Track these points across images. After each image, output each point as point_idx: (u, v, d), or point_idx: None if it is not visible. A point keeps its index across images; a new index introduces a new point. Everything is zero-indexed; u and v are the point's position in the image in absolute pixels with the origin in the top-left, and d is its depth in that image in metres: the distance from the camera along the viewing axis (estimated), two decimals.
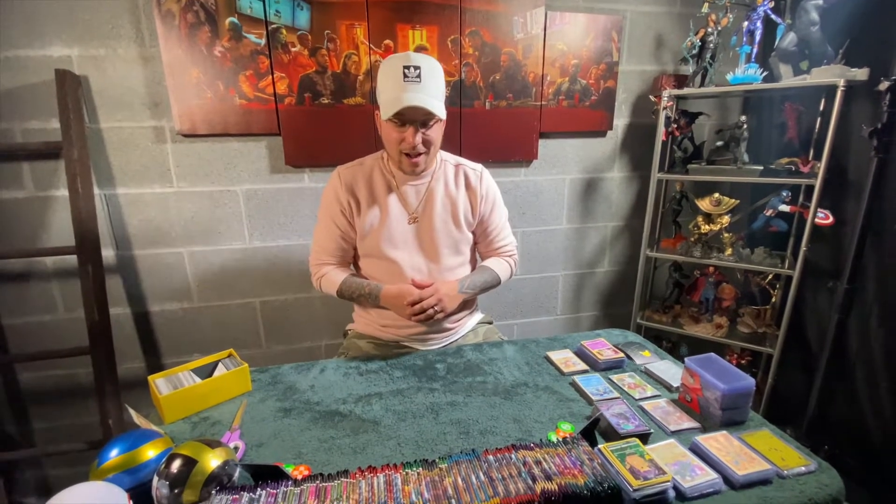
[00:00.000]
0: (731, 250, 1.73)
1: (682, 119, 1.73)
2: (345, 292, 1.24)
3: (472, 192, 1.25)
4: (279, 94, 1.58)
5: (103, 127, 1.54)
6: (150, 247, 1.66)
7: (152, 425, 0.89)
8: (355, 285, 1.22)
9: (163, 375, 1.04)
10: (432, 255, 1.24)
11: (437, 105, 1.07)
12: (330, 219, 1.23)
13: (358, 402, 1.01)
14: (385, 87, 1.08)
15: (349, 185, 1.20)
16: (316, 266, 1.29)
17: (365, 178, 1.21)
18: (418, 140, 1.09)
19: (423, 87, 1.05)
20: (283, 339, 1.87)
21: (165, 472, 0.70)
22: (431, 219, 1.21)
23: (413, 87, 1.04)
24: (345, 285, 1.23)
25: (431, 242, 1.23)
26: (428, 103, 1.04)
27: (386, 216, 1.20)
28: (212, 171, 1.64)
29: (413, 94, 1.04)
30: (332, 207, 1.22)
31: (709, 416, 0.95)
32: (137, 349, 1.74)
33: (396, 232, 1.21)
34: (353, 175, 1.21)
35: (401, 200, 1.21)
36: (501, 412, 0.97)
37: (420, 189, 1.22)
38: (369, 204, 1.20)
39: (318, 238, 1.27)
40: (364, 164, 1.24)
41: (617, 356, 1.15)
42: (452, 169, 1.25)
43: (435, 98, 1.07)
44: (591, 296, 2.21)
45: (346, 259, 1.29)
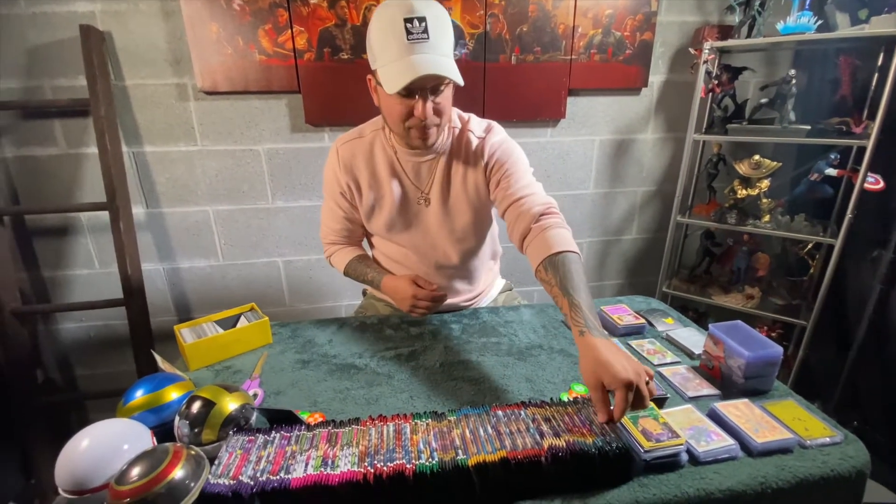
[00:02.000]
0: (768, 217, 1.63)
1: (723, 74, 1.61)
2: (350, 275, 1.19)
3: (477, 160, 1.04)
4: (298, 50, 1.55)
5: (128, 84, 1.55)
6: (178, 204, 1.70)
7: (176, 370, 0.93)
8: (359, 271, 1.16)
9: (188, 325, 1.08)
10: (448, 238, 1.12)
11: (452, 67, 0.86)
12: (332, 199, 1.13)
13: (373, 356, 1.03)
14: (383, 48, 0.85)
15: (347, 164, 1.06)
16: (325, 244, 1.23)
17: (364, 154, 1.06)
18: (429, 111, 0.89)
19: (433, 45, 0.84)
20: (306, 298, 1.91)
21: (186, 413, 0.73)
22: (445, 199, 1.07)
23: (420, 47, 0.83)
24: (350, 268, 1.17)
25: (446, 225, 1.10)
26: (443, 67, 0.84)
27: (390, 199, 1.06)
28: (234, 130, 1.64)
29: (422, 57, 0.83)
30: (332, 188, 1.11)
31: (731, 384, 0.91)
32: (169, 303, 1.82)
33: (404, 215, 1.09)
34: (352, 152, 1.06)
35: (406, 180, 1.06)
36: (514, 372, 0.96)
37: (427, 166, 1.05)
38: (370, 185, 1.07)
39: (324, 217, 1.19)
40: (364, 135, 1.07)
41: (637, 322, 1.12)
42: (458, 136, 1.06)
43: (447, 56, 0.87)
44: (616, 264, 2.15)
45: (354, 238, 1.21)
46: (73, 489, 0.64)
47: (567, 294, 0.81)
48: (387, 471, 0.63)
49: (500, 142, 1.05)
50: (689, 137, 1.72)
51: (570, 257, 0.88)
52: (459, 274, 1.19)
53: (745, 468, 0.72)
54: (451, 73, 0.85)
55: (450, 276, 1.18)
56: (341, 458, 0.66)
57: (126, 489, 0.59)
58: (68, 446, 0.67)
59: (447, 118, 0.97)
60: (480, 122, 1.08)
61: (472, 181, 1.06)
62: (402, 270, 1.19)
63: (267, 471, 0.64)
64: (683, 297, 1.89)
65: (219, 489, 0.61)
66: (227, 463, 0.66)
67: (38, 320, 1.74)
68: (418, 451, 0.67)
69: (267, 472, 0.64)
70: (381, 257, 1.22)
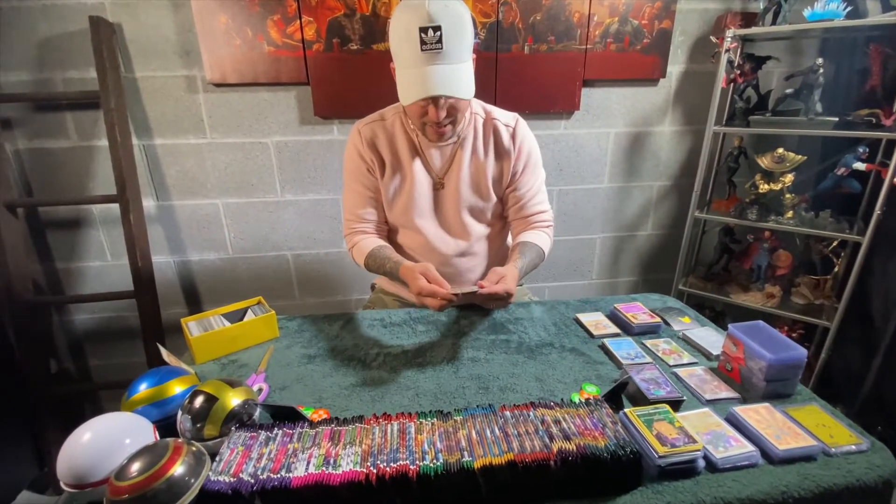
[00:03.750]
0: (791, 213, 1.57)
1: (746, 64, 1.54)
2: (370, 265, 1.13)
3: (503, 151, 1.09)
4: (307, 40, 1.52)
5: (138, 76, 1.55)
6: (188, 197, 1.70)
7: (182, 364, 0.93)
8: (380, 260, 1.11)
9: (195, 318, 1.08)
10: (455, 224, 1.13)
11: (464, 80, 0.90)
12: (356, 180, 1.12)
13: (380, 352, 1.01)
14: (398, 52, 0.91)
15: (371, 141, 1.08)
16: (349, 235, 1.17)
17: (387, 136, 1.08)
18: (442, 114, 0.93)
19: (447, 54, 0.87)
20: (315, 291, 1.91)
21: (189, 407, 0.72)
22: (456, 185, 1.09)
23: (434, 57, 0.86)
24: (370, 258, 1.12)
25: (453, 211, 1.12)
26: (453, 85, 0.89)
27: (412, 182, 1.08)
28: (243, 123, 1.63)
29: (435, 70, 0.87)
30: (356, 166, 1.10)
31: (751, 388, 0.88)
32: (180, 295, 1.83)
33: (421, 199, 1.10)
34: (374, 132, 1.08)
35: (426, 164, 1.09)
36: (524, 370, 0.94)
37: (446, 151, 1.08)
38: (393, 167, 1.08)
39: (347, 204, 1.16)
40: (385, 118, 1.09)
41: (653, 321, 1.08)
42: (482, 124, 1.09)
43: (462, 63, 0.90)
44: (630, 260, 2.10)
45: (380, 224, 1.17)
46: (74, 483, 0.64)
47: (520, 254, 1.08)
48: (390, 471, 0.61)
49: (527, 135, 1.12)
50: (708, 129, 1.66)
51: (537, 248, 1.12)
52: (471, 266, 1.19)
53: (765, 476, 0.68)
54: (462, 90, 0.90)
55: (461, 267, 1.18)
56: (343, 458, 0.64)
57: (125, 485, 0.58)
58: (70, 439, 0.66)
59: (463, 114, 1.00)
60: (504, 112, 1.12)
61: (496, 168, 1.10)
62: (423, 258, 1.17)
63: (268, 469, 0.63)
64: (700, 296, 1.84)
65: (219, 486, 0.60)
66: (228, 459, 0.65)
67: (51, 311, 1.77)
68: (423, 452, 0.65)
69: (268, 471, 0.63)
70: (403, 250, 1.21)
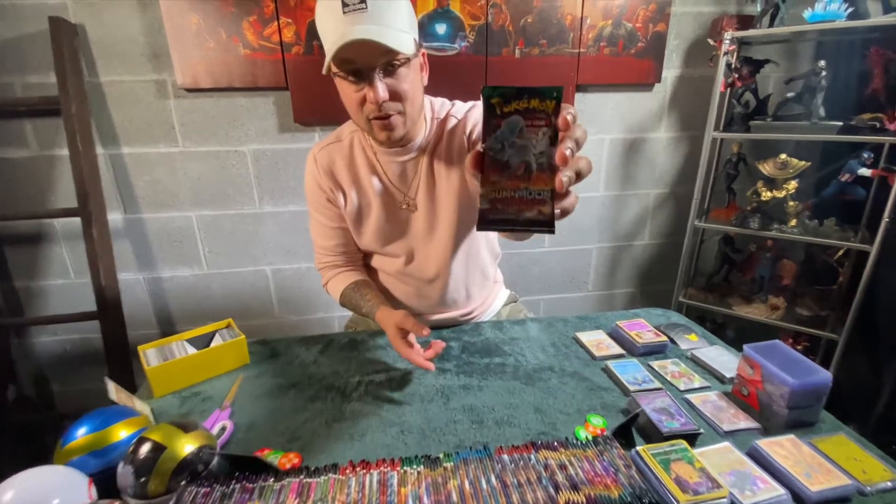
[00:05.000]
0: (795, 221, 1.51)
1: (744, 68, 1.49)
2: (347, 306, 1.05)
3: (462, 146, 0.92)
4: (286, 43, 1.44)
5: (103, 81, 1.45)
6: (159, 210, 1.59)
7: (135, 400, 0.82)
8: (354, 301, 1.02)
9: (154, 345, 0.97)
10: (434, 248, 0.99)
11: (393, 34, 0.74)
12: (318, 211, 1.02)
13: (361, 381, 0.91)
14: (325, 30, 0.77)
15: (328, 168, 0.96)
16: (321, 270, 1.09)
17: (344, 157, 0.96)
18: (382, 93, 0.76)
19: (372, 16, 0.73)
20: (296, 309, 1.80)
21: (131, 458, 0.61)
22: (433, 203, 0.95)
23: (356, 18, 0.73)
24: (344, 298, 1.03)
25: (431, 234, 0.98)
26: (378, 34, 0.72)
27: (376, 205, 0.96)
28: (217, 130, 1.54)
29: (357, 28, 0.72)
30: (316, 197, 1.00)
31: (771, 416, 0.79)
32: (151, 315, 1.71)
33: (393, 224, 0.98)
34: (331, 156, 0.96)
35: (388, 183, 0.95)
36: (521, 400, 0.84)
37: (409, 166, 0.93)
38: (352, 189, 0.96)
39: (314, 237, 1.07)
40: (342, 138, 0.97)
41: (659, 339, 1.00)
42: (439, 126, 0.94)
43: (391, 27, 0.75)
44: (627, 271, 2.03)
45: (352, 255, 1.07)
46: None
47: None
48: None
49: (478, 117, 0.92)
50: (707, 135, 1.60)
51: None
52: (455, 285, 1.06)
53: None
54: (390, 38, 0.73)
55: (444, 288, 1.06)
56: None
57: None
58: None
59: (414, 105, 0.83)
60: (464, 104, 0.96)
61: (458, 175, 0.93)
62: (398, 286, 1.08)
63: None
64: (701, 308, 1.77)
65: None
66: None
67: (10, 333, 1.63)
68: None
69: None
70: (378, 274, 1.10)
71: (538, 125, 0.41)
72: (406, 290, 1.07)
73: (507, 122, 0.41)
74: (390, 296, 1.10)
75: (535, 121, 0.41)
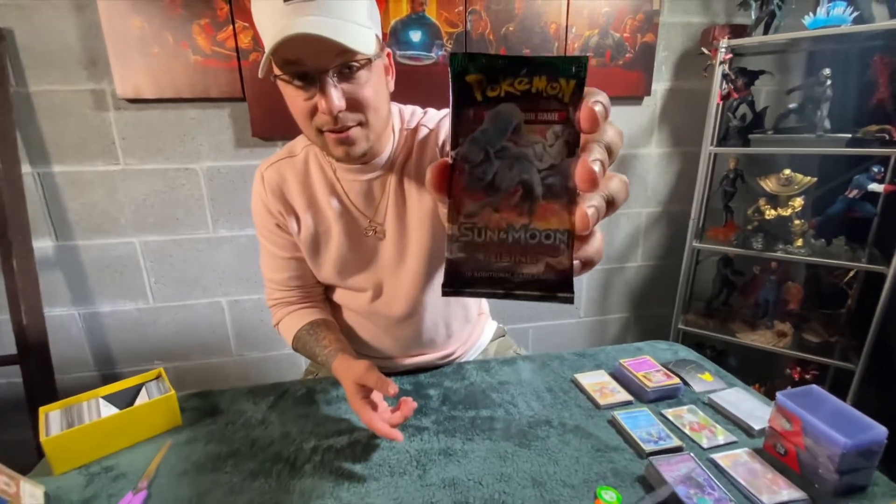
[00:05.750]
0: (801, 241, 1.40)
1: (739, 79, 1.40)
2: (301, 351, 0.89)
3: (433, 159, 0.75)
4: (242, 49, 1.29)
5: (32, 91, 1.28)
6: (96, 236, 1.41)
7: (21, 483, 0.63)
8: (309, 347, 0.86)
9: (61, 406, 0.78)
10: (405, 279, 0.84)
11: (348, 29, 0.60)
12: (267, 239, 0.86)
13: (318, 446, 0.74)
14: (263, 24, 0.63)
15: (277, 188, 0.81)
16: (272, 308, 0.92)
17: (298, 176, 0.80)
18: (337, 101, 0.62)
19: (321, 6, 0.59)
20: (257, 344, 1.60)
21: None
22: (404, 229, 0.81)
23: (300, 8, 0.59)
24: (298, 342, 0.87)
25: (412, 262, 0.83)
26: (330, 28, 0.58)
27: (337, 231, 0.81)
28: (165, 146, 1.37)
29: (303, 20, 0.58)
30: (264, 223, 0.84)
31: (817, 480, 0.65)
32: (87, 355, 1.50)
33: (356, 252, 0.83)
34: (281, 174, 0.81)
35: (350, 205, 0.80)
36: (515, 468, 0.68)
37: (375, 185, 0.79)
38: (307, 213, 0.81)
39: (264, 270, 0.90)
40: (295, 153, 0.82)
41: (670, 382, 0.85)
42: (408, 137, 0.79)
43: (346, 20, 0.61)
44: (619, 295, 1.89)
45: (308, 290, 0.90)
46: None
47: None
48: None
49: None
50: (704, 150, 1.49)
51: None
52: (432, 322, 0.90)
53: None
54: (341, 33, 0.58)
55: (420, 326, 0.89)
56: None
57: None
58: None
59: (378, 115, 0.69)
60: (438, 112, 0.81)
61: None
62: (365, 325, 0.91)
63: None
64: (701, 335, 1.64)
65: None
66: None
67: None
68: None
69: None
70: (342, 310, 0.93)
71: (546, 121, 0.24)
72: (374, 329, 0.90)
73: (493, 114, 0.25)
74: (356, 336, 0.93)
75: (542, 113, 0.24)
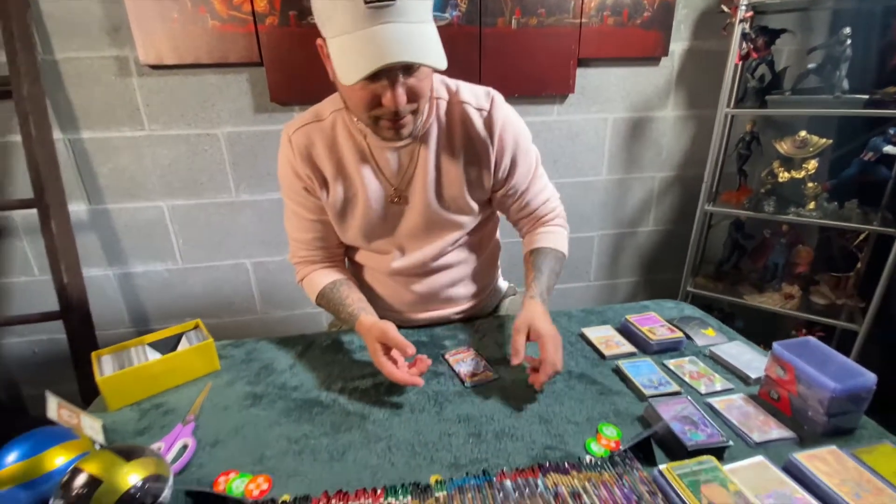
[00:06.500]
0: (813, 204, 1.41)
1: (759, 38, 1.37)
2: (324, 306, 0.93)
3: (478, 145, 0.83)
4: (259, 13, 1.31)
5: (59, 58, 1.31)
6: (126, 200, 1.47)
7: (82, 416, 0.71)
8: (333, 304, 0.90)
9: (111, 351, 0.87)
10: (426, 243, 0.89)
11: (429, 40, 0.64)
12: (293, 200, 0.89)
13: (344, 387, 0.82)
14: (331, 13, 0.63)
15: (306, 152, 0.82)
16: (297, 265, 0.96)
17: (326, 141, 0.82)
18: (401, 98, 0.66)
19: (401, 9, 0.60)
20: (281, 304, 1.69)
21: (62, 493, 0.51)
22: (423, 198, 0.84)
23: (383, 14, 0.60)
24: (322, 298, 0.91)
25: (422, 229, 0.87)
26: (418, 47, 0.62)
27: (364, 196, 0.84)
28: (187, 111, 1.41)
29: (387, 29, 0.60)
30: (292, 185, 0.86)
31: (806, 422, 0.71)
32: (123, 313, 1.60)
33: (378, 218, 0.86)
34: (309, 138, 0.82)
35: (379, 173, 0.83)
36: (524, 408, 0.75)
37: (403, 154, 0.82)
38: (337, 180, 0.83)
39: (288, 229, 0.93)
40: (322, 118, 0.82)
41: (673, 335, 0.91)
42: (446, 110, 0.82)
43: (423, 24, 0.64)
44: (630, 259, 1.93)
45: (331, 250, 0.94)
46: None
47: (536, 270, 0.89)
48: None
49: (507, 119, 0.84)
50: (720, 112, 1.48)
51: (554, 252, 0.92)
52: (451, 283, 0.96)
53: None
54: (431, 55, 0.63)
55: (437, 285, 0.96)
56: None
57: None
58: None
59: (426, 99, 0.74)
60: (473, 89, 0.84)
61: (471, 170, 0.84)
62: (386, 284, 0.97)
63: None
64: (710, 297, 1.67)
65: None
66: None
67: None
68: None
69: None
70: (364, 270, 0.99)
71: None
72: (395, 287, 0.96)
73: None
74: (377, 294, 0.99)
75: None
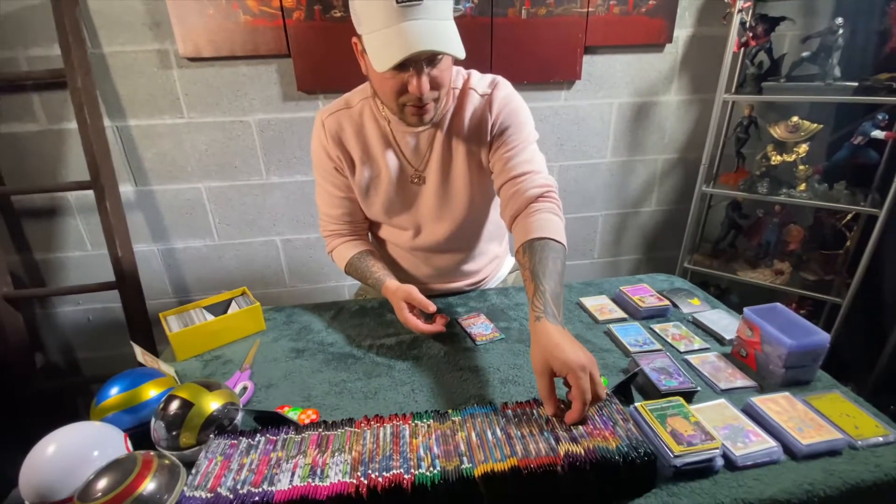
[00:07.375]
0: (804, 186, 1.50)
1: (759, 26, 1.44)
2: (352, 274, 1.06)
3: (482, 127, 0.92)
4: (286, 8, 1.41)
5: (106, 52, 1.44)
6: (168, 181, 1.62)
7: (160, 363, 0.86)
8: (361, 271, 1.03)
9: (175, 312, 1.01)
10: (442, 221, 1.01)
11: (452, 35, 0.75)
12: (325, 179, 1.01)
13: (373, 344, 0.95)
14: (367, 12, 0.74)
15: (336, 136, 0.94)
16: (327, 238, 1.09)
17: (354, 126, 0.94)
18: (425, 86, 0.77)
19: (428, 8, 0.72)
20: (307, 278, 1.84)
21: (162, 414, 0.66)
22: (438, 178, 0.95)
23: (412, 12, 0.71)
24: (350, 267, 1.04)
25: (446, 206, 0.99)
26: (442, 38, 0.73)
27: (387, 176, 0.96)
28: (221, 100, 1.53)
29: (415, 25, 0.71)
30: (323, 164, 0.99)
31: (768, 375, 0.82)
32: (166, 285, 1.76)
33: (402, 195, 0.98)
34: (339, 123, 0.94)
35: (400, 155, 0.95)
36: (525, 361, 0.88)
37: (422, 138, 0.93)
38: (363, 162, 0.96)
39: (320, 205, 1.06)
40: (351, 106, 0.95)
41: (661, 303, 1.02)
42: (458, 97, 0.92)
43: (446, 20, 0.75)
44: (633, 238, 2.03)
45: (358, 225, 1.07)
46: (38, 501, 0.58)
47: (535, 279, 0.77)
48: (382, 482, 0.56)
49: (506, 98, 0.92)
50: (718, 97, 1.56)
51: (550, 244, 0.82)
52: (463, 258, 1.10)
53: (788, 473, 0.63)
54: (452, 46, 0.74)
55: (452, 261, 1.09)
56: (332, 467, 0.59)
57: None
58: (33, 453, 0.61)
59: (447, 88, 0.84)
60: (483, 77, 0.95)
61: (476, 150, 0.94)
62: (406, 257, 1.10)
63: (249, 481, 0.57)
64: (705, 273, 1.78)
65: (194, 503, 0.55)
66: (205, 472, 0.59)
67: (34, 304, 1.70)
68: (418, 459, 0.59)
69: (248, 483, 0.57)
70: (386, 244, 1.13)
71: None
72: (414, 261, 1.10)
73: None
74: (398, 266, 1.13)
75: None
